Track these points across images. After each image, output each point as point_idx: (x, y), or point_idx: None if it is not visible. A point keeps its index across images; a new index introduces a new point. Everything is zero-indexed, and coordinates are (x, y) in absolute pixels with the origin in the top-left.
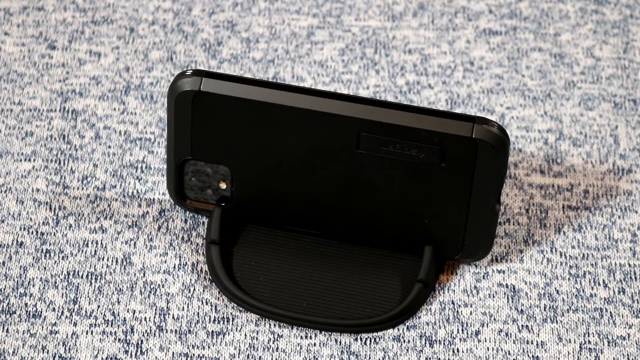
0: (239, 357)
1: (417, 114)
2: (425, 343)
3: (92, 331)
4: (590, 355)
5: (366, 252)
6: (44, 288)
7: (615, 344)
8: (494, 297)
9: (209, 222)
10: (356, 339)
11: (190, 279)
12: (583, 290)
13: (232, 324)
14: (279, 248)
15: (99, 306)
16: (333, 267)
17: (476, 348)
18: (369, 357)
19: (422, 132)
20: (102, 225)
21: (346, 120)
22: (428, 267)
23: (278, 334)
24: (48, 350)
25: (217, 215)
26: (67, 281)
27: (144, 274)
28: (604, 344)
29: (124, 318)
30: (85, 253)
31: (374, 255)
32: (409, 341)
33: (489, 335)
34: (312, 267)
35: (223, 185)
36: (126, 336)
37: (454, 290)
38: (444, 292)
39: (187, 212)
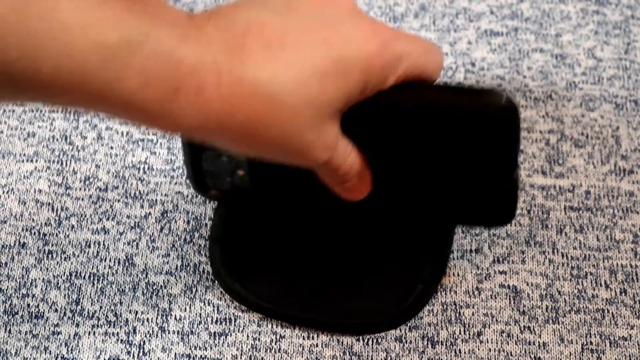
0: (241, 358)
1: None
2: (428, 344)
3: (94, 332)
4: (592, 356)
5: (370, 251)
6: (46, 289)
7: (617, 345)
8: (495, 298)
9: (213, 221)
10: (358, 340)
11: (193, 280)
12: (585, 291)
13: (235, 324)
14: (283, 247)
15: (101, 307)
16: (337, 266)
17: (478, 349)
18: (371, 358)
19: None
20: (104, 226)
21: None
22: (431, 267)
23: (280, 335)
24: (50, 351)
25: (221, 214)
26: (70, 282)
27: (146, 275)
28: (605, 345)
29: (126, 319)
30: (88, 254)
31: (378, 253)
32: (411, 342)
33: (491, 336)
34: (316, 267)
35: (241, 173)
36: (128, 337)
37: (455, 292)
38: (446, 294)
39: (190, 213)
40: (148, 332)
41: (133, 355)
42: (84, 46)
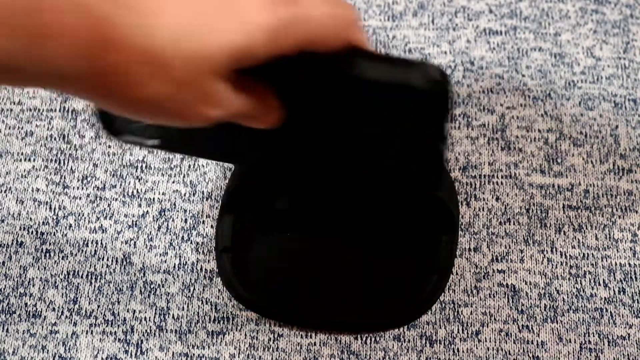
0: (239, 357)
1: None
2: (426, 343)
3: (92, 331)
4: (590, 355)
5: (378, 246)
6: (43, 288)
7: (615, 344)
8: (494, 297)
9: (219, 230)
10: (356, 338)
11: (190, 279)
12: (583, 290)
13: (232, 323)
14: (291, 251)
15: (99, 306)
16: (347, 265)
17: (476, 348)
18: (369, 357)
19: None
20: (102, 225)
21: None
22: (443, 256)
23: (278, 334)
24: (48, 350)
25: (228, 223)
26: (67, 281)
27: (144, 274)
28: (604, 344)
29: (124, 318)
30: (85, 253)
31: (386, 248)
32: (409, 341)
33: (489, 335)
34: (328, 268)
35: None
36: (126, 336)
37: (454, 290)
38: (444, 292)
39: (188, 211)
40: (146, 331)
41: (131, 354)
42: None
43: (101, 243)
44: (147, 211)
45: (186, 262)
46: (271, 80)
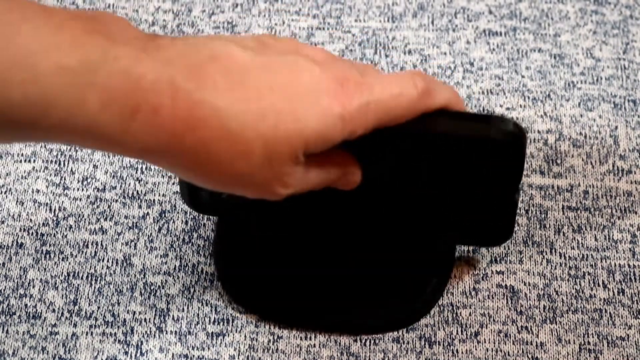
0: (238, 358)
1: None
2: (425, 344)
3: (92, 332)
4: (589, 356)
5: (377, 248)
6: (43, 289)
7: (614, 345)
8: (493, 298)
9: (218, 232)
10: (356, 340)
11: (191, 280)
12: (582, 291)
13: (232, 325)
14: (291, 253)
15: (99, 307)
16: (347, 267)
17: (475, 349)
18: (369, 359)
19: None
20: (102, 226)
21: None
22: (442, 260)
23: (278, 335)
24: (48, 352)
25: (227, 224)
26: (67, 282)
27: (144, 275)
28: (603, 345)
29: (124, 319)
30: (85, 254)
31: (386, 251)
32: (408, 342)
33: (488, 336)
34: (328, 269)
35: None
36: (126, 337)
37: (452, 292)
38: (443, 294)
39: (189, 213)
40: (146, 332)
41: (130, 356)
42: (48, 70)
43: (101, 244)
44: (148, 212)
45: (187, 264)
46: (349, 149)
